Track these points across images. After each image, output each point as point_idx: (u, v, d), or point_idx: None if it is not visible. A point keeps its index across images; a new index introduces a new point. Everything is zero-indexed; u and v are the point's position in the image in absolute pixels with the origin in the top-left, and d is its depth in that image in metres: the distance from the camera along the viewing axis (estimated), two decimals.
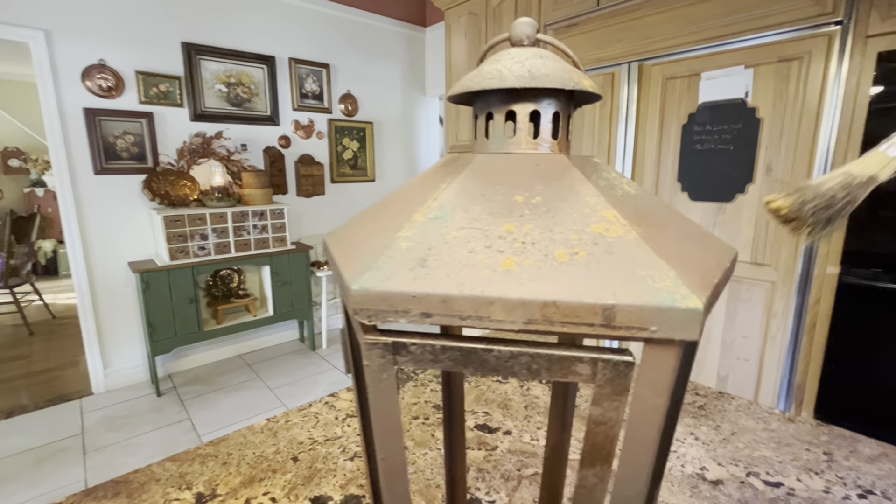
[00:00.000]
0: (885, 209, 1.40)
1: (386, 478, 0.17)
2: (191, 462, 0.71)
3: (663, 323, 0.13)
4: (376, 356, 0.16)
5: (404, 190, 0.20)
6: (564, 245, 0.15)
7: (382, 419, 0.16)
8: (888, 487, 0.62)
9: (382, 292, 0.14)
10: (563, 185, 0.16)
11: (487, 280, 0.14)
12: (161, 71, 2.64)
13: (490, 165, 0.17)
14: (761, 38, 1.54)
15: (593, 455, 0.16)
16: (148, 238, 2.72)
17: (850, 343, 1.48)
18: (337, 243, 0.19)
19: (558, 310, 0.13)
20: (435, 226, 0.15)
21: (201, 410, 2.46)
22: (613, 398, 0.15)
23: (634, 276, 0.14)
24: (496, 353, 0.15)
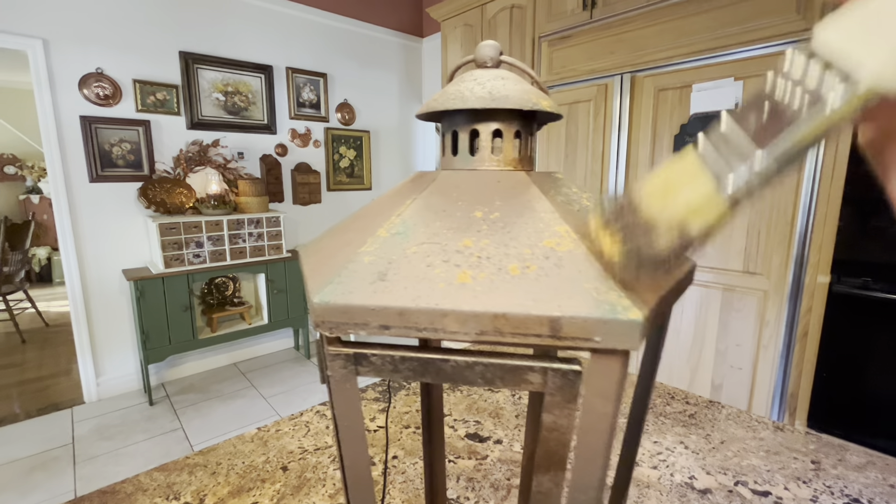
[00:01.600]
0: (875, 218, 1.42)
1: (352, 485, 0.18)
2: (179, 472, 0.71)
3: (606, 334, 0.14)
4: (339, 366, 0.16)
5: (375, 204, 0.21)
6: (518, 259, 0.15)
7: (347, 427, 0.17)
8: (875, 496, 0.62)
9: (343, 305, 0.15)
10: (521, 202, 0.17)
11: (443, 293, 0.15)
12: (159, 80, 2.66)
13: (453, 182, 0.18)
14: (750, 52, 1.57)
15: (547, 461, 0.16)
16: (143, 246, 2.71)
17: (842, 351, 1.49)
18: (307, 256, 0.20)
19: (508, 322, 0.14)
20: (397, 241, 0.16)
21: (194, 419, 2.44)
22: (564, 406, 0.15)
23: (580, 288, 0.14)
24: (452, 362, 0.16)
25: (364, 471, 0.17)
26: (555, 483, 0.17)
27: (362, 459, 0.17)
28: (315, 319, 0.15)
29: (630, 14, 1.88)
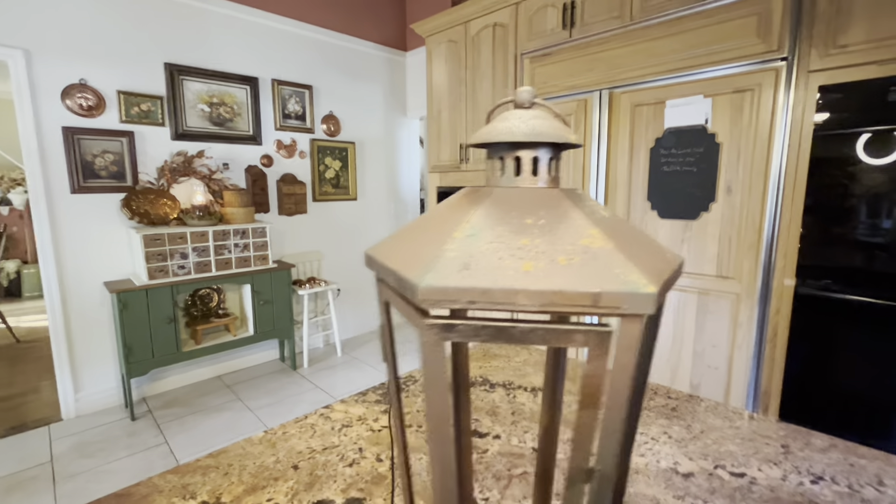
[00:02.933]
0: (834, 226, 1.54)
1: (434, 435, 0.22)
2: (192, 473, 0.73)
3: (631, 303, 0.20)
4: (433, 334, 0.21)
5: (433, 215, 0.26)
6: (564, 253, 0.21)
7: (434, 382, 0.22)
8: (836, 474, 0.70)
9: (441, 287, 0.20)
10: (559, 212, 0.23)
11: (513, 278, 0.20)
12: (143, 91, 2.65)
13: (505, 197, 0.24)
14: (717, 71, 1.69)
15: (587, 400, 0.22)
16: (125, 257, 2.67)
17: (808, 349, 1.60)
18: (385, 256, 0.25)
19: (563, 296, 0.20)
20: (471, 241, 0.22)
21: (179, 434, 2.40)
22: (599, 357, 0.21)
23: (611, 273, 0.20)
24: (519, 328, 0.21)
25: (446, 422, 0.22)
26: (592, 417, 0.22)
27: (446, 411, 0.22)
28: (420, 297, 0.20)
29: (606, 35, 2.00)
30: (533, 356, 1.18)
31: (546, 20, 2.23)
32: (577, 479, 0.23)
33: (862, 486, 0.66)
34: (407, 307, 0.23)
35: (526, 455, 0.76)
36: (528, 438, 0.81)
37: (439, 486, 0.23)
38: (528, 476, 0.70)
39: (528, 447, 0.78)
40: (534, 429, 0.84)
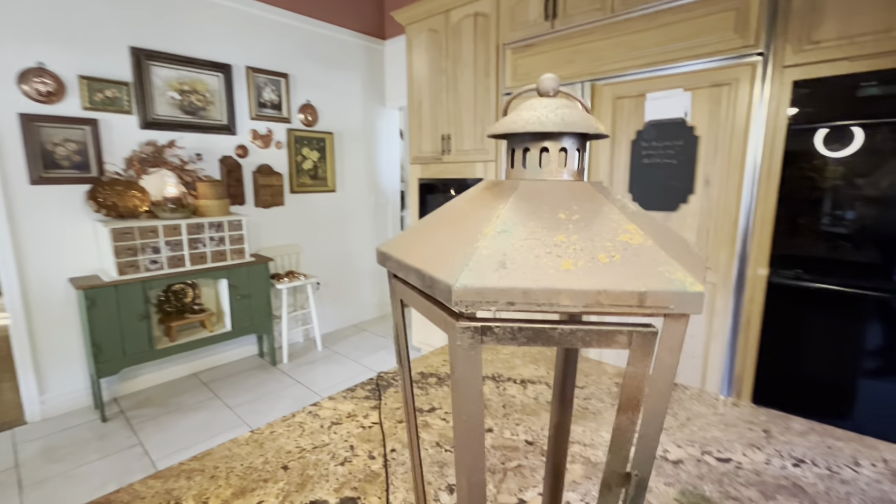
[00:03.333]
0: (803, 217, 1.60)
1: (465, 436, 0.21)
2: (176, 478, 0.70)
3: (678, 303, 0.19)
4: (467, 337, 0.20)
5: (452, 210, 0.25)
6: (603, 250, 0.20)
7: (467, 388, 0.21)
8: (816, 456, 0.72)
9: (478, 287, 0.19)
10: (592, 206, 0.22)
11: (554, 277, 0.19)
12: (107, 76, 2.52)
13: (533, 190, 0.23)
14: (696, 65, 1.72)
15: (627, 403, 0.21)
16: (92, 252, 2.55)
17: (779, 336, 1.66)
18: (404, 253, 0.24)
19: (608, 296, 0.19)
20: (504, 238, 0.20)
21: (154, 434, 2.33)
22: (642, 359, 0.20)
23: (655, 271, 0.19)
24: (559, 330, 0.20)
25: (479, 423, 0.21)
26: (631, 420, 0.21)
27: (478, 412, 0.21)
28: (455, 299, 0.19)
29: (588, 26, 2.00)
30: (521, 348, 1.19)
31: (528, 11, 2.22)
32: (614, 484, 0.23)
33: (840, 468, 0.69)
34: (432, 308, 0.22)
35: (520, 448, 0.76)
36: (520, 431, 0.81)
37: (466, 496, 0.22)
38: (522, 469, 0.71)
39: (522, 440, 0.78)
40: (526, 421, 0.84)
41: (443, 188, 2.81)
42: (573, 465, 0.71)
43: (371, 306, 4.25)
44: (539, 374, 1.04)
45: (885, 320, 1.47)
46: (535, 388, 0.97)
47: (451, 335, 0.20)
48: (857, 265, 1.49)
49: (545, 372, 1.05)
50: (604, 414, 0.87)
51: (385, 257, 0.26)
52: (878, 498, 0.62)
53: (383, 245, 0.27)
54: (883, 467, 0.69)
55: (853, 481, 0.66)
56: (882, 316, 1.47)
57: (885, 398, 1.48)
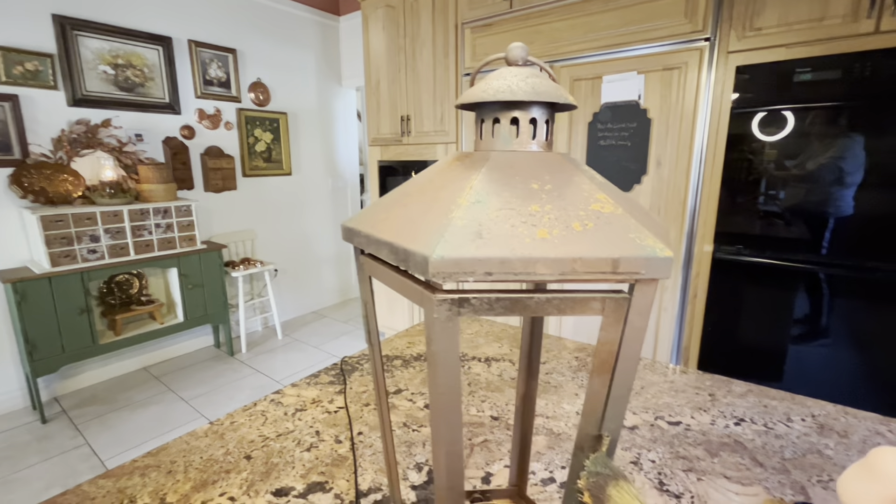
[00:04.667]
0: (741, 196, 1.70)
1: (443, 409, 0.21)
2: (129, 476, 0.66)
3: (649, 268, 0.20)
4: (445, 309, 0.20)
5: (421, 182, 0.24)
6: (577, 219, 0.20)
7: (446, 361, 0.20)
8: (754, 415, 0.79)
9: (455, 258, 0.18)
10: (564, 176, 0.22)
11: (531, 246, 0.19)
12: (26, 46, 2.27)
13: (504, 160, 0.22)
14: (650, 49, 1.77)
15: (600, 367, 0.22)
16: (19, 242, 2.33)
17: (722, 307, 1.78)
18: (372, 227, 0.23)
19: (583, 263, 0.19)
20: (479, 208, 0.20)
21: (101, 433, 2.20)
22: (615, 324, 0.21)
23: (627, 238, 0.20)
24: (536, 299, 0.20)
25: (456, 398, 0.21)
26: (603, 384, 0.22)
27: (455, 392, 0.21)
28: (432, 271, 0.18)
29: (546, 7, 2.01)
30: (484, 327, 1.21)
31: None
32: (586, 446, 0.23)
33: (775, 424, 0.76)
34: (406, 282, 0.21)
35: (485, 424, 0.78)
36: (485, 407, 0.83)
37: (444, 468, 0.22)
38: (489, 444, 0.72)
39: (487, 416, 0.80)
40: (491, 397, 0.86)
41: (403, 171, 2.77)
42: (537, 436, 0.74)
43: (331, 292, 4.18)
44: (503, 351, 1.06)
45: (812, 290, 1.61)
46: (499, 365, 0.99)
47: (427, 308, 0.20)
48: (789, 241, 1.62)
49: (509, 350, 1.07)
50: (565, 387, 0.90)
51: (352, 233, 0.25)
52: (807, 449, 0.69)
53: (349, 220, 0.26)
54: (811, 422, 0.76)
55: (786, 435, 0.73)
56: (810, 286, 1.60)
57: (813, 360, 1.63)
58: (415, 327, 1.21)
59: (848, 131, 1.46)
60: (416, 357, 1.02)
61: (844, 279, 1.54)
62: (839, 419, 0.77)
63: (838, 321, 1.57)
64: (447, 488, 0.23)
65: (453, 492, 0.23)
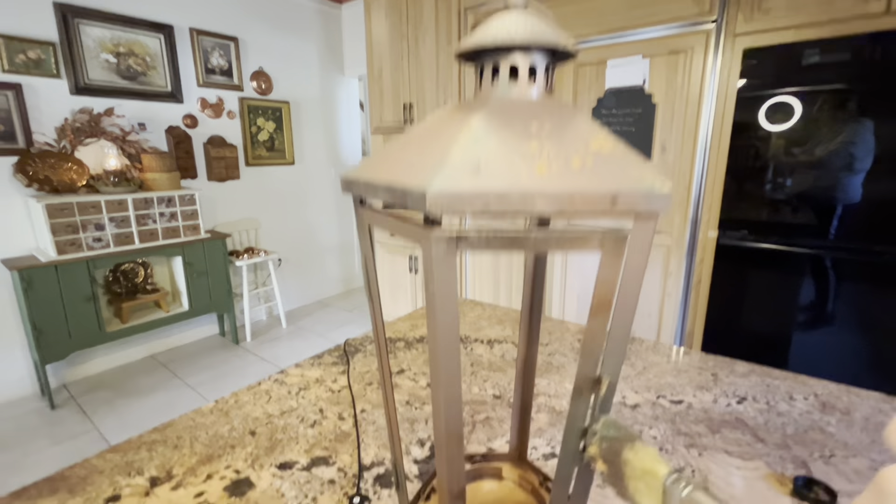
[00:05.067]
0: (747, 184, 1.69)
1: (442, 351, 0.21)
2: (136, 450, 0.68)
3: (647, 202, 0.20)
4: (442, 246, 0.20)
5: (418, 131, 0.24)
6: (576, 157, 0.20)
7: (443, 299, 0.21)
8: (756, 393, 0.79)
9: (453, 192, 0.19)
10: (562, 119, 0.22)
11: (529, 181, 0.19)
12: (29, 35, 2.26)
13: (503, 105, 0.22)
14: (655, 32, 1.75)
15: (599, 306, 0.22)
16: (25, 230, 2.35)
17: (726, 293, 1.78)
18: (371, 173, 0.23)
19: (582, 198, 0.19)
20: (477, 146, 0.20)
21: (109, 418, 2.23)
22: (613, 261, 0.21)
23: (626, 175, 0.20)
24: (534, 236, 0.20)
25: (454, 338, 0.21)
26: (602, 325, 0.22)
27: (454, 326, 0.21)
28: (429, 205, 0.18)
29: None
30: (486, 311, 1.21)
31: None
32: (585, 389, 0.24)
33: (777, 402, 0.76)
34: (403, 225, 0.22)
35: (487, 402, 0.78)
36: (487, 387, 0.83)
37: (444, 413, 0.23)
38: (490, 421, 0.73)
39: (489, 394, 0.80)
40: (493, 377, 0.86)
41: None
42: (539, 414, 0.74)
43: (335, 281, 4.19)
44: (505, 334, 1.06)
45: (818, 275, 1.60)
46: (501, 346, 1.00)
47: (425, 247, 0.20)
48: (795, 226, 1.61)
49: (511, 332, 1.07)
50: (567, 368, 0.90)
51: (351, 182, 0.25)
52: (809, 426, 0.69)
53: (348, 172, 0.26)
54: (814, 400, 0.76)
55: (788, 413, 0.73)
56: (815, 271, 1.60)
57: (818, 345, 1.63)
58: (417, 311, 1.21)
59: (858, 116, 1.44)
60: (418, 339, 1.03)
61: (851, 263, 1.53)
62: (842, 398, 0.77)
63: (844, 306, 1.56)
64: (447, 433, 0.23)
65: (453, 437, 0.24)
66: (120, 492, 0.58)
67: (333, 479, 0.60)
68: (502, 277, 2.42)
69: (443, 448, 0.24)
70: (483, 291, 2.52)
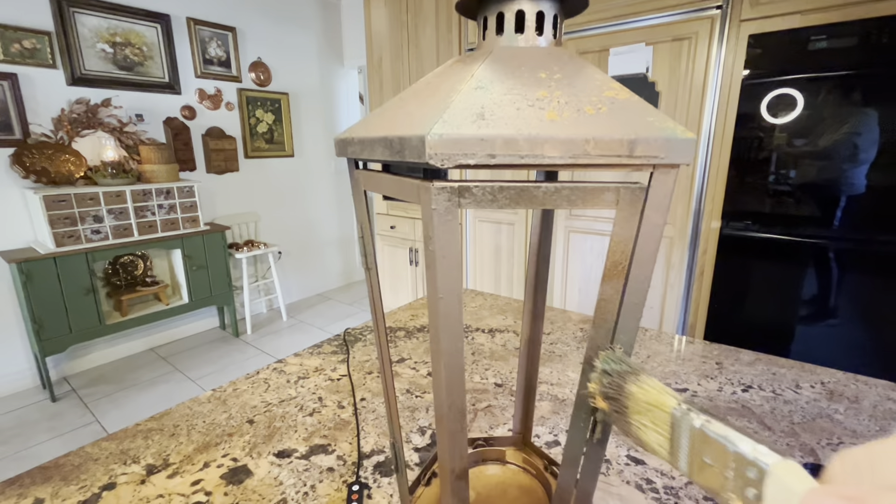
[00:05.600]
0: (750, 176, 1.66)
1: (444, 317, 0.20)
2: (132, 438, 0.67)
3: (669, 151, 0.18)
4: (444, 200, 0.18)
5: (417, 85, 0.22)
6: (589, 104, 0.19)
7: (445, 257, 0.19)
8: (762, 382, 0.78)
9: (455, 137, 0.17)
10: (573, 68, 0.20)
11: (538, 126, 0.17)
12: (23, 24, 2.24)
13: (508, 54, 0.21)
14: (659, 19, 1.72)
15: (612, 270, 0.20)
16: (23, 222, 2.34)
17: (729, 285, 1.76)
18: (366, 130, 0.21)
19: (596, 145, 0.18)
20: (480, 93, 0.18)
21: (110, 411, 2.23)
22: (629, 218, 0.19)
23: (644, 121, 0.18)
24: (543, 188, 0.19)
25: (457, 303, 0.20)
26: (616, 290, 0.21)
27: (457, 291, 0.19)
28: (429, 152, 0.17)
29: None
30: (488, 301, 1.20)
31: None
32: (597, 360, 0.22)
33: (783, 390, 0.74)
34: (402, 181, 0.20)
35: (489, 390, 0.77)
36: (489, 375, 0.82)
37: (444, 382, 0.21)
38: (492, 409, 0.72)
39: (491, 383, 0.79)
40: (494, 366, 0.85)
41: None
42: (541, 402, 0.73)
43: (336, 275, 4.18)
44: (507, 323, 1.05)
45: (821, 265, 1.58)
46: (502, 336, 0.98)
47: (425, 201, 0.19)
48: (799, 217, 1.59)
49: (512, 322, 1.06)
50: (570, 356, 0.89)
51: (345, 143, 0.23)
52: (817, 414, 0.68)
53: (342, 133, 0.24)
54: (821, 388, 0.75)
55: (795, 401, 0.71)
56: (819, 261, 1.58)
57: (821, 335, 1.62)
58: (417, 301, 1.20)
59: (863, 106, 1.41)
60: (418, 329, 1.02)
61: (855, 253, 1.51)
62: (849, 385, 0.76)
63: (847, 296, 1.55)
64: (448, 405, 0.22)
65: (454, 409, 0.22)
66: (115, 480, 0.57)
67: (332, 467, 0.59)
68: (503, 269, 2.41)
69: (444, 421, 0.23)
70: (484, 282, 2.51)
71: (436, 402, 0.24)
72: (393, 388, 0.34)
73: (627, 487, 0.54)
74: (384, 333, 0.30)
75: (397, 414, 0.36)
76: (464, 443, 0.24)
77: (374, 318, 0.30)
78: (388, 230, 2.78)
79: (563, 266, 2.17)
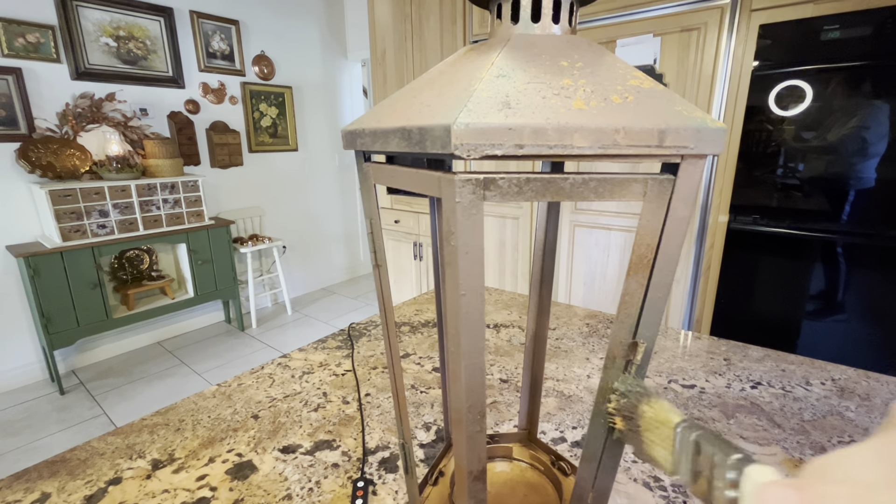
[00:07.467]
0: (757, 170, 1.64)
1: (466, 316, 0.19)
2: (137, 433, 0.67)
3: (699, 141, 0.18)
4: (468, 192, 0.18)
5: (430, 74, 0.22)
6: (615, 92, 0.18)
7: (468, 253, 0.18)
8: (771, 378, 0.77)
9: (481, 127, 0.16)
10: (594, 56, 0.19)
11: (566, 115, 0.17)
12: (27, 18, 2.23)
13: (526, 41, 0.20)
14: (667, 9, 1.69)
15: (638, 263, 0.20)
16: (30, 217, 2.35)
17: (736, 279, 1.75)
18: (379, 122, 0.21)
19: (626, 134, 0.17)
20: (503, 82, 0.18)
21: (118, 403, 2.25)
22: (657, 210, 0.19)
23: (673, 111, 0.18)
24: (571, 180, 0.18)
25: (479, 302, 0.19)
26: (640, 284, 0.20)
27: (479, 291, 0.19)
28: (454, 142, 0.16)
29: None
30: (493, 296, 1.19)
31: None
32: (619, 355, 0.22)
33: (793, 387, 0.73)
34: (420, 174, 0.19)
35: (495, 386, 0.77)
36: (494, 371, 0.82)
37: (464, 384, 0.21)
38: (498, 405, 0.71)
39: (496, 378, 0.79)
40: (500, 361, 0.85)
41: None
42: (547, 398, 0.73)
43: (340, 269, 4.19)
44: (512, 318, 1.04)
45: (829, 260, 1.56)
46: (507, 331, 0.98)
47: (447, 194, 0.18)
48: (808, 211, 1.56)
49: (517, 316, 1.06)
50: (575, 352, 0.88)
51: (354, 135, 0.22)
52: (827, 411, 0.67)
53: (350, 125, 0.23)
54: (831, 385, 0.74)
55: (805, 398, 0.70)
56: (827, 256, 1.56)
57: (829, 330, 1.60)
58: (422, 295, 1.20)
59: (872, 98, 1.39)
60: (423, 324, 1.01)
61: (864, 248, 1.49)
62: (860, 382, 0.74)
63: (856, 292, 1.53)
64: (468, 408, 0.22)
65: (474, 411, 0.22)
66: (121, 474, 0.57)
67: (337, 463, 0.58)
68: (508, 263, 2.40)
69: (463, 423, 0.22)
70: (488, 277, 2.50)
71: (453, 404, 0.23)
72: (403, 389, 0.34)
73: (635, 485, 0.54)
74: (394, 335, 0.29)
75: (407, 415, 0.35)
76: (483, 445, 0.23)
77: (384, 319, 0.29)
78: (392, 224, 2.77)
79: (568, 260, 2.16)
